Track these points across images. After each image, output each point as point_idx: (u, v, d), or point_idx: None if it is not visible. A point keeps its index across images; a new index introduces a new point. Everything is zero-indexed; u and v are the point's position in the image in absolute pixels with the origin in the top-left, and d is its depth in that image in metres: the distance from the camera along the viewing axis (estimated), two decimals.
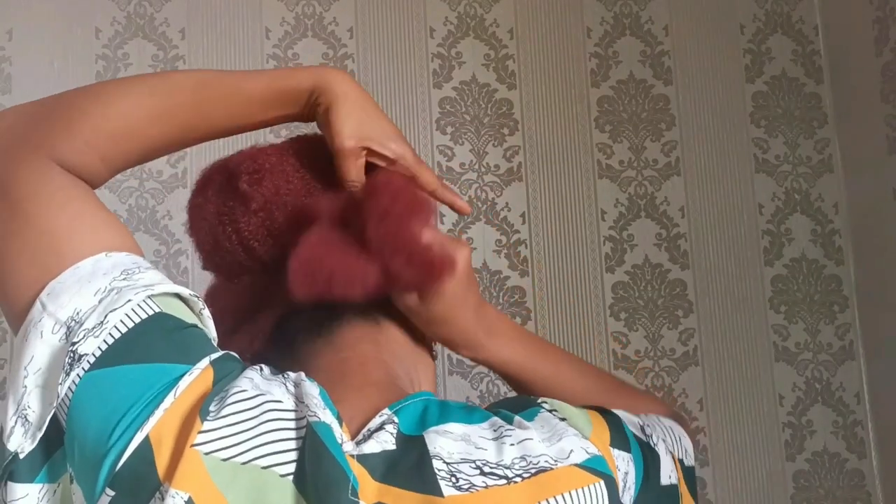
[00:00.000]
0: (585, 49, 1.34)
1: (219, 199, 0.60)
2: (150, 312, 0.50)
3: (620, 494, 0.52)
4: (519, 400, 0.57)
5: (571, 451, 0.50)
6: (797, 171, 1.34)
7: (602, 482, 0.50)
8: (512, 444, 0.49)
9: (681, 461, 0.61)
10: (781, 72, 1.36)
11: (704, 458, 1.27)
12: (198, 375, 0.49)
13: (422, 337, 0.63)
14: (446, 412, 0.52)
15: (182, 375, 0.48)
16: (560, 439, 0.51)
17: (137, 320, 0.49)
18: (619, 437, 0.55)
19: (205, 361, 0.50)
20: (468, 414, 0.52)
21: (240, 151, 0.61)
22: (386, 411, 0.51)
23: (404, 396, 0.53)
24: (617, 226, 1.30)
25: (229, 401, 0.47)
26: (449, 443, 0.49)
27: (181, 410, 0.47)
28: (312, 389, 0.50)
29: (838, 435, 1.28)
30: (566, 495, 0.48)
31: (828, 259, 1.32)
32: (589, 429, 0.54)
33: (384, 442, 0.49)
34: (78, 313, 0.48)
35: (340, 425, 0.49)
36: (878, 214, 1.26)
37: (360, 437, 0.49)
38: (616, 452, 0.53)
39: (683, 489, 0.60)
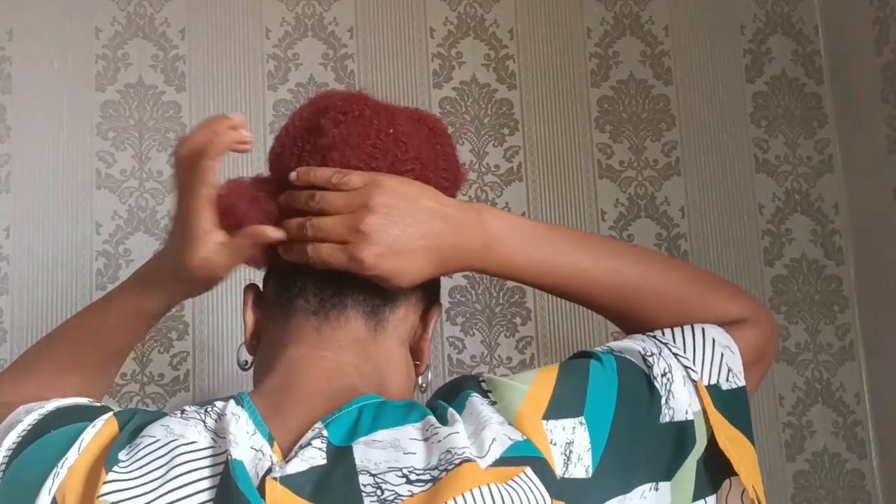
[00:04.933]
0: (585, 49, 1.34)
1: (307, 121, 0.60)
2: (46, 412, 0.53)
3: (560, 469, 0.49)
4: (454, 385, 0.55)
5: (493, 440, 0.48)
6: (797, 171, 1.34)
7: (528, 468, 0.48)
8: (439, 441, 0.48)
9: (713, 387, 0.56)
10: (781, 72, 1.36)
11: None
12: (101, 427, 0.50)
13: (419, 354, 0.61)
14: (380, 417, 0.50)
15: (85, 429, 0.49)
16: (483, 429, 0.49)
17: (34, 420, 0.52)
18: (563, 401, 0.51)
19: (108, 414, 0.51)
20: (405, 414, 0.50)
21: (354, 92, 0.62)
22: (318, 425, 0.50)
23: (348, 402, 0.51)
24: (617, 226, 1.30)
25: (141, 453, 0.48)
26: (376, 453, 0.48)
27: (86, 464, 0.48)
28: (234, 424, 0.48)
29: (838, 435, 1.28)
30: (492, 486, 0.46)
31: (828, 259, 1.32)
32: (517, 406, 0.50)
33: (311, 458, 0.47)
34: None
35: (272, 446, 0.49)
36: (878, 214, 1.26)
37: (291, 454, 0.48)
38: (552, 424, 0.50)
39: (715, 419, 0.55)
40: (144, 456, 0.47)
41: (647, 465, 0.53)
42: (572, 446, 0.50)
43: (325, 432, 0.49)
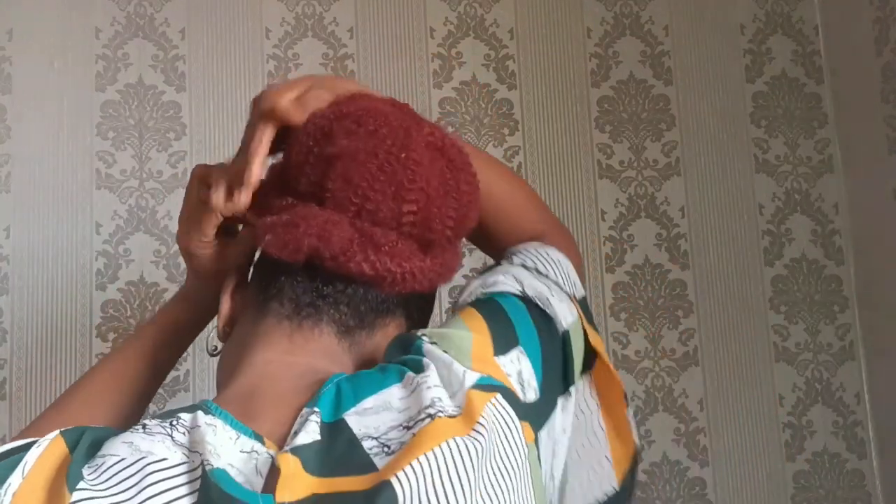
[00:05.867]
0: (585, 49, 1.34)
1: (326, 120, 0.57)
2: None
3: (522, 395, 0.52)
4: (402, 340, 0.55)
5: (464, 373, 0.51)
6: (797, 171, 1.34)
7: (498, 394, 0.50)
8: (429, 387, 0.49)
9: (574, 297, 0.62)
10: (781, 72, 1.37)
11: (704, 458, 1.27)
12: (46, 446, 0.47)
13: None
14: (359, 387, 0.50)
15: (28, 452, 0.46)
16: (451, 364, 0.51)
17: None
18: (502, 336, 0.54)
19: (53, 433, 0.48)
20: (381, 378, 0.51)
21: (381, 106, 0.59)
22: (305, 409, 0.49)
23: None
24: (617, 226, 1.30)
25: (106, 473, 0.45)
26: (372, 419, 0.48)
27: (37, 487, 0.45)
28: (211, 434, 0.46)
29: (838, 435, 1.28)
30: (461, 439, 0.47)
31: (828, 259, 1.32)
32: (468, 352, 0.52)
33: (312, 432, 0.47)
34: None
35: (263, 443, 0.47)
36: (878, 214, 1.26)
37: (289, 437, 0.48)
38: (501, 360, 0.53)
39: (583, 320, 0.60)
40: (111, 476, 0.44)
41: (560, 377, 0.57)
42: (522, 375, 0.53)
43: (316, 409, 0.48)
